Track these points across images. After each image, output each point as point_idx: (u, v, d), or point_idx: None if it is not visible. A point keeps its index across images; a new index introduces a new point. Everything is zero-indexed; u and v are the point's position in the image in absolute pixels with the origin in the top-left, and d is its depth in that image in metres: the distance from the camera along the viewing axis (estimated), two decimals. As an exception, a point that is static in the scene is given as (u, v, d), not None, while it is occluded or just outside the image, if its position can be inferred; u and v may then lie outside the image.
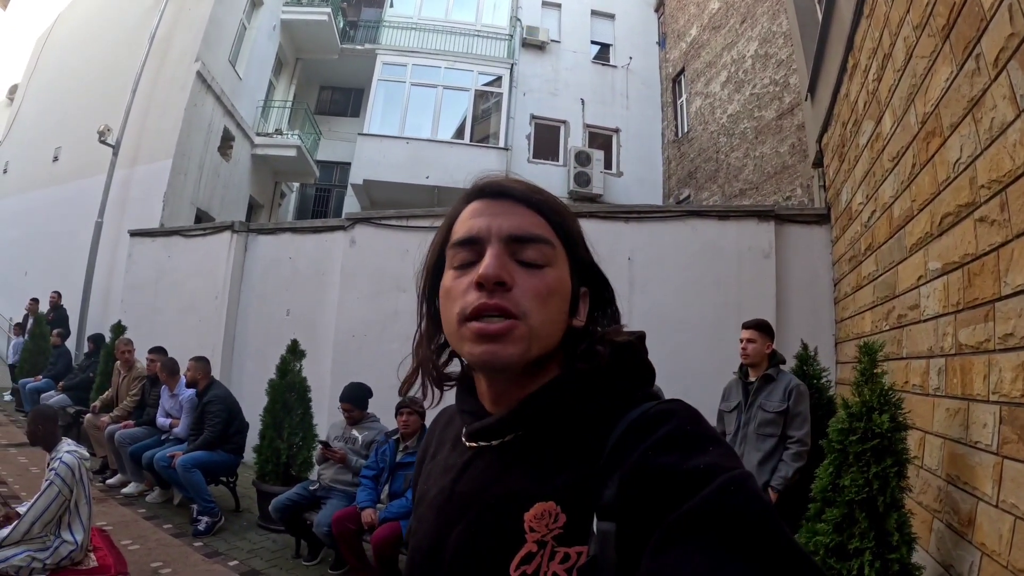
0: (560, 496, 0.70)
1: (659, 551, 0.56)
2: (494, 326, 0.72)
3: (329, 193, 17.82)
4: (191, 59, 11.59)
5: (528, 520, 0.69)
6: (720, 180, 12.53)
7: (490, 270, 0.73)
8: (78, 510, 3.90)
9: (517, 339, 0.73)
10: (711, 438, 0.67)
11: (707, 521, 0.56)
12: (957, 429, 2.69)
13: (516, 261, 0.77)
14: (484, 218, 0.79)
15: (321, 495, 4.78)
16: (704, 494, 0.57)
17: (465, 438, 0.85)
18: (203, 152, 11.93)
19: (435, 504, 0.83)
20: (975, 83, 2.39)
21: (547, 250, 0.78)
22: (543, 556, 0.67)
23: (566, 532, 0.67)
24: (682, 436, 0.67)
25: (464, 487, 0.80)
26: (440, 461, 0.91)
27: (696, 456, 0.63)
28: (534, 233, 0.78)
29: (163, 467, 5.48)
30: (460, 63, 15.27)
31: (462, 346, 0.76)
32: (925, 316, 3.18)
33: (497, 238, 0.77)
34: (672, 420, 0.69)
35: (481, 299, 0.73)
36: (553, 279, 0.77)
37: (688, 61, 14.51)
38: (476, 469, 0.81)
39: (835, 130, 5.24)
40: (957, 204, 2.67)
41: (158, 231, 9.90)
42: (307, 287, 8.05)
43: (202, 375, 5.85)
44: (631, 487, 0.64)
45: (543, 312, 0.75)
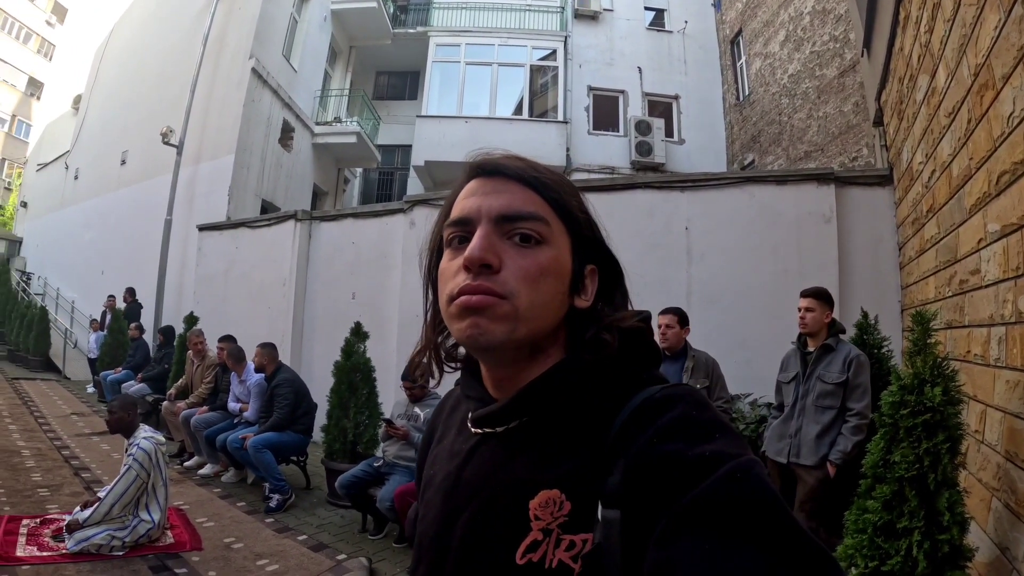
0: (564, 484, 0.69)
1: (666, 540, 0.56)
2: (475, 297, 0.72)
3: (392, 176, 18.11)
4: (245, 57, 11.97)
5: (533, 508, 0.70)
6: (784, 143, 12.09)
7: (475, 252, 0.72)
8: (155, 492, 4.18)
9: (501, 317, 0.72)
10: (717, 424, 0.66)
11: (714, 509, 0.56)
12: (1017, 403, 2.53)
13: (509, 240, 0.75)
14: (476, 198, 0.78)
15: (385, 471, 4.91)
16: (710, 482, 0.57)
17: (470, 424, 0.85)
18: (264, 145, 12.34)
19: (441, 489, 0.84)
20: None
21: (540, 227, 0.76)
22: (549, 544, 0.67)
23: (571, 520, 0.67)
24: (688, 422, 0.66)
25: (470, 474, 0.81)
26: (446, 446, 0.91)
27: (702, 443, 0.62)
28: (525, 210, 0.76)
29: (235, 448, 5.76)
30: (513, 39, 15.19)
31: (452, 325, 0.76)
32: (986, 282, 2.99)
33: (487, 218, 0.76)
34: (677, 406, 0.68)
35: (466, 281, 0.73)
36: (546, 258, 0.75)
37: (745, 21, 13.99)
38: (482, 456, 0.81)
39: (892, 86, 4.95)
40: (1013, 161, 2.49)
41: (225, 224, 10.32)
42: (370, 270, 8.27)
43: (268, 360, 6.09)
44: (636, 475, 0.63)
45: (532, 293, 0.74)
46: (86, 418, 8.98)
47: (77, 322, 15.17)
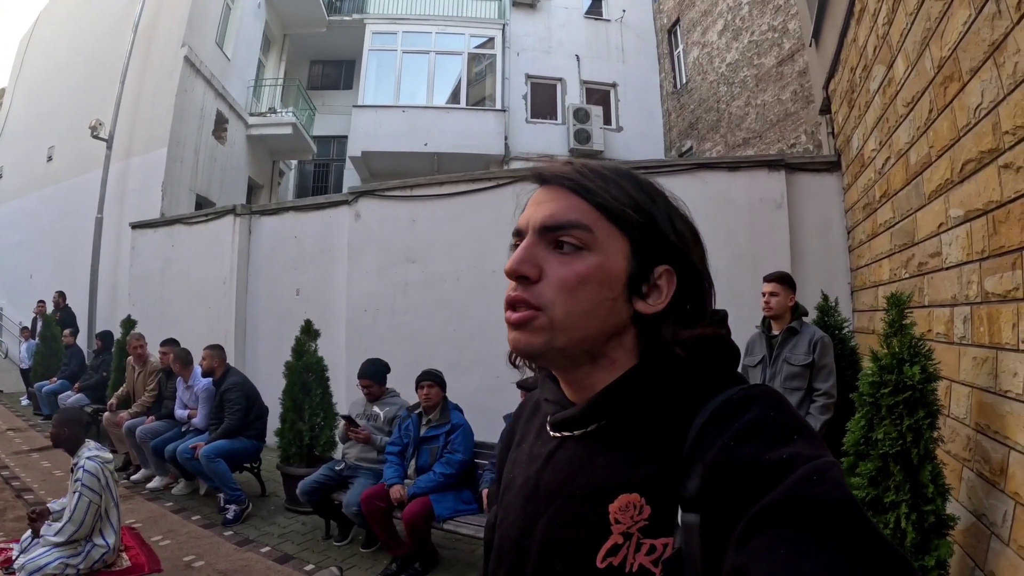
0: (644, 487, 0.70)
1: (743, 542, 0.57)
2: (514, 315, 0.76)
3: (328, 168, 17.76)
4: (177, 44, 11.47)
5: (613, 512, 0.70)
6: (722, 130, 12.39)
7: (512, 264, 0.76)
8: (107, 514, 3.90)
9: (537, 329, 0.75)
10: (796, 426, 0.66)
11: (790, 511, 0.56)
12: (985, 378, 2.68)
13: (556, 248, 0.77)
14: (531, 208, 0.81)
15: (347, 474, 4.83)
16: (787, 484, 0.58)
17: (549, 427, 0.86)
18: (197, 137, 11.89)
19: (522, 493, 0.85)
20: (996, 26, 2.33)
21: (583, 235, 0.76)
22: (629, 548, 0.68)
23: (651, 524, 0.68)
24: (765, 424, 0.66)
25: (549, 477, 0.81)
26: (525, 449, 0.92)
27: (779, 446, 0.62)
28: (565, 219, 0.76)
29: (186, 459, 5.52)
30: (451, 27, 15.06)
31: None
32: (948, 264, 3.15)
33: (532, 229, 0.78)
34: (754, 408, 0.68)
35: (508, 292, 0.77)
36: (586, 266, 0.75)
37: (683, 11, 14.25)
38: (560, 459, 0.81)
39: (842, 76, 5.14)
40: (979, 150, 2.62)
41: (159, 221, 9.92)
42: (315, 265, 8.07)
43: (218, 363, 5.88)
44: (714, 478, 0.64)
45: (570, 302, 0.75)
46: (23, 433, 8.49)
47: (6, 330, 14.43)
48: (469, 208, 7.10)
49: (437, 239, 7.21)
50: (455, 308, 6.95)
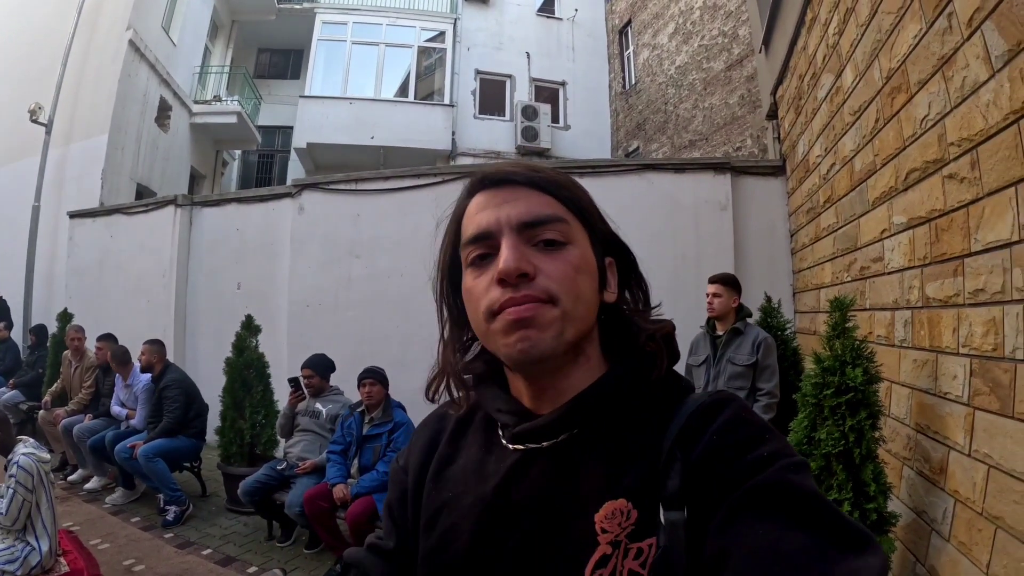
0: (630, 493, 0.69)
1: (725, 527, 0.60)
2: (524, 308, 0.70)
3: (272, 159, 17.33)
4: (122, 27, 10.97)
5: (599, 521, 0.68)
6: (669, 131, 12.58)
7: (510, 263, 0.71)
8: (41, 514, 3.70)
9: (549, 323, 0.71)
10: (766, 427, 0.70)
11: (769, 496, 0.60)
12: (925, 380, 2.78)
13: (534, 246, 0.74)
14: (491, 210, 0.77)
15: (289, 474, 4.71)
16: (766, 474, 0.62)
17: (508, 440, 0.81)
18: (140, 124, 11.41)
19: (472, 514, 0.79)
20: (946, 41, 2.40)
21: (564, 228, 0.76)
22: (618, 556, 0.67)
23: (637, 527, 0.67)
24: (741, 424, 0.69)
25: (519, 493, 0.76)
26: (464, 467, 0.85)
27: (759, 444, 0.66)
28: (546, 214, 0.75)
29: (124, 459, 5.28)
30: (402, 19, 14.91)
31: (496, 342, 0.74)
32: (889, 269, 3.25)
33: (508, 228, 0.74)
34: (727, 410, 0.71)
35: (507, 295, 0.71)
36: (576, 257, 0.75)
37: (635, 13, 14.41)
38: (531, 474, 0.76)
39: (791, 83, 5.26)
40: (924, 160, 2.71)
41: (98, 211, 9.48)
42: (257, 258, 7.86)
43: (157, 359, 5.67)
44: (698, 476, 0.66)
45: (573, 292, 0.73)
46: (-46, 436, 8.02)
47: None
48: (414, 203, 7.03)
49: (382, 234, 7.12)
50: (399, 305, 6.87)
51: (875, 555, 0.54)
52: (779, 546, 0.55)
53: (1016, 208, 2.04)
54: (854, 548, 0.55)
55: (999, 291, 2.16)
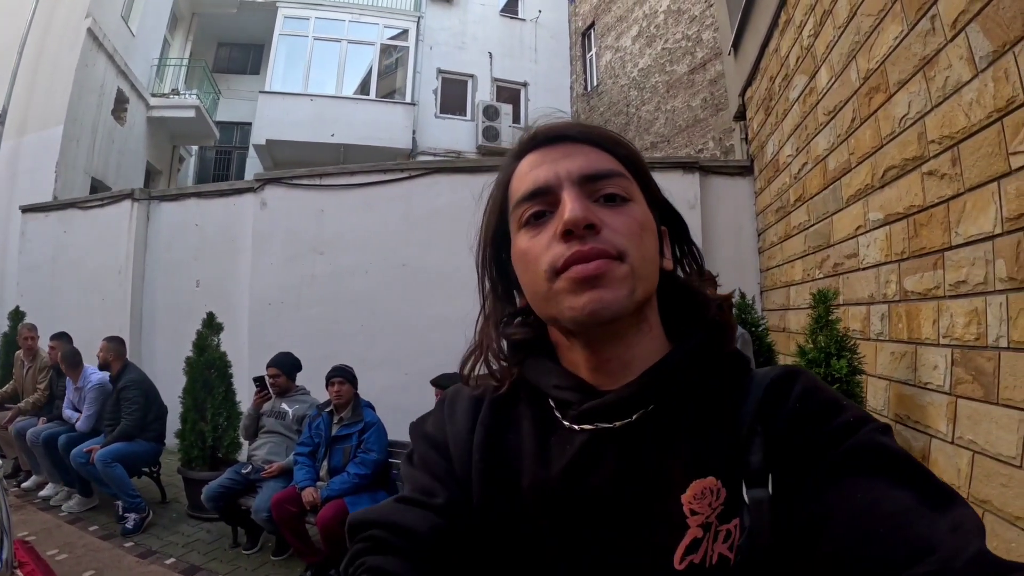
0: (718, 470, 0.65)
1: (820, 491, 0.59)
2: (593, 265, 0.65)
3: (230, 156, 16.94)
4: (81, 15, 10.57)
5: (687, 503, 0.64)
6: (631, 133, 12.70)
7: (577, 212, 0.66)
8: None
9: (620, 279, 0.66)
10: (840, 396, 0.69)
11: (864, 458, 0.59)
12: (904, 371, 2.86)
13: (595, 202, 0.70)
14: (547, 165, 0.72)
15: (255, 478, 4.57)
16: (857, 437, 0.61)
17: (572, 420, 0.73)
18: (96, 117, 11.01)
19: (536, 501, 0.71)
20: (928, 43, 2.49)
21: (626, 183, 0.72)
22: (708, 539, 0.63)
23: (725, 508, 0.64)
24: (821, 394, 0.68)
25: (593, 479, 0.69)
26: (520, 447, 0.76)
27: (841, 411, 0.64)
28: (608, 168, 0.72)
29: (81, 464, 5.05)
30: (365, 16, 14.73)
31: (559, 305, 0.68)
32: (865, 264, 3.34)
33: (569, 181, 0.70)
34: (801, 380, 0.69)
35: (573, 248, 0.66)
36: (640, 213, 0.72)
37: (598, 15, 14.52)
38: (605, 456, 0.70)
39: (760, 84, 5.37)
40: (903, 158, 2.80)
41: (52, 205, 9.13)
42: (217, 255, 7.68)
43: (115, 357, 5.47)
44: (782, 448, 0.64)
45: (640, 249, 0.69)
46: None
47: None
48: (379, 200, 6.97)
49: (346, 231, 7.02)
50: (363, 302, 6.80)
51: (969, 507, 0.55)
52: (883, 504, 0.55)
53: (999, 202, 2.12)
54: (951, 501, 0.55)
55: (981, 282, 2.24)
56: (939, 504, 0.55)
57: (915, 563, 0.50)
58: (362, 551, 0.71)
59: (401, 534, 0.71)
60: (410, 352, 6.43)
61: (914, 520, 0.53)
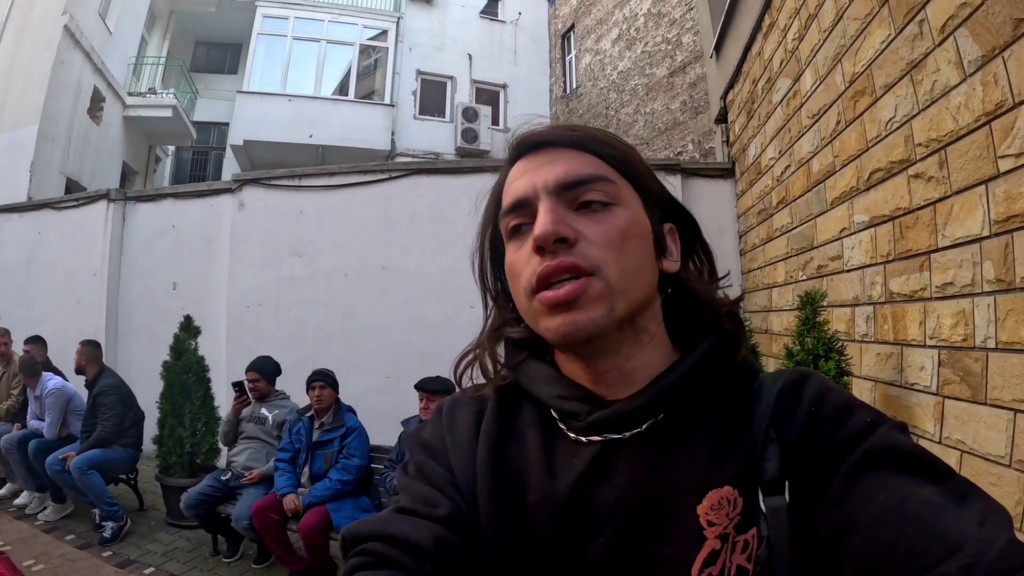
0: (734, 479, 0.64)
1: (844, 493, 0.58)
2: (563, 290, 0.63)
3: (207, 156, 16.77)
4: (58, 12, 10.42)
5: (704, 514, 0.62)
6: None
7: (546, 227, 0.64)
8: None
9: (595, 299, 0.64)
10: (853, 397, 0.68)
11: (885, 457, 0.58)
12: (890, 372, 2.89)
13: (577, 211, 0.68)
14: (528, 175, 0.70)
15: (235, 485, 4.50)
16: (876, 436, 0.60)
17: (579, 432, 0.71)
18: (72, 115, 10.84)
19: (544, 515, 0.69)
20: (916, 47, 2.51)
21: (608, 187, 0.69)
22: (726, 551, 0.61)
23: (742, 518, 0.63)
24: (834, 396, 0.66)
25: (605, 492, 0.67)
26: (524, 459, 0.74)
27: (856, 412, 0.64)
28: (585, 173, 0.68)
29: (56, 471, 4.93)
30: (344, 16, 14.65)
31: (537, 323, 0.68)
32: (849, 266, 3.37)
33: (544, 192, 0.68)
34: (812, 383, 0.68)
35: (544, 263, 0.64)
36: (624, 219, 0.68)
37: (578, 18, 14.59)
38: (616, 469, 0.67)
39: (743, 87, 5.41)
40: (889, 161, 2.82)
41: (26, 205, 8.95)
42: (194, 257, 7.57)
43: (90, 361, 5.34)
44: (799, 454, 0.63)
45: (620, 260, 0.66)
46: None
47: None
48: (359, 201, 6.92)
49: (325, 232, 6.96)
50: (343, 305, 6.75)
51: (993, 499, 0.55)
52: (908, 503, 0.54)
53: (986, 205, 2.15)
54: (975, 495, 0.55)
55: (969, 284, 2.26)
56: (964, 498, 0.54)
57: (946, 559, 0.49)
58: (359, 566, 0.66)
59: (402, 546, 0.66)
60: (390, 355, 6.39)
61: (941, 516, 0.52)
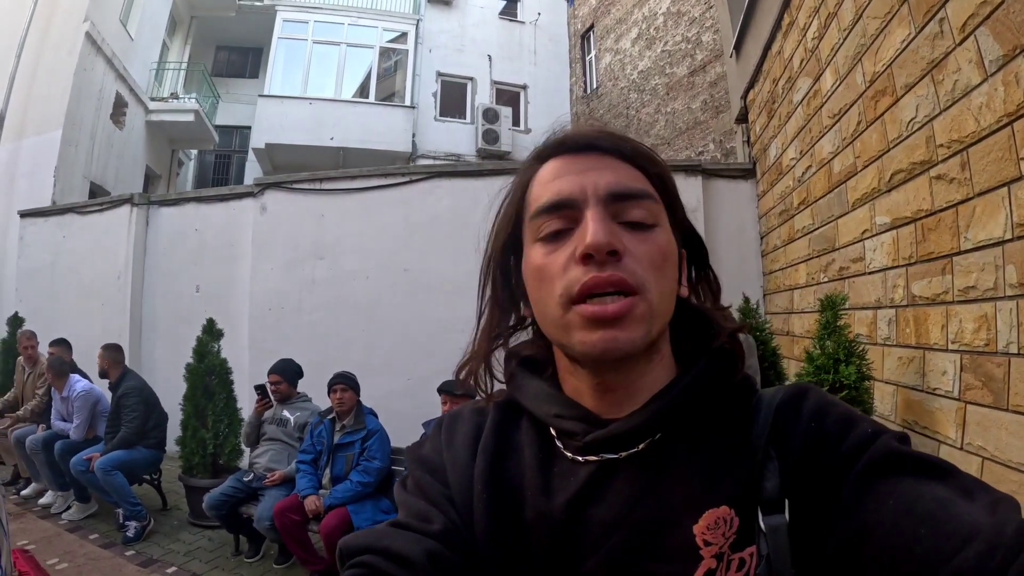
0: (731, 498, 0.63)
1: (855, 504, 0.57)
2: (612, 307, 0.61)
3: (229, 159, 16.90)
4: (79, 19, 10.53)
5: (700, 533, 0.61)
6: (630, 136, 12.68)
7: (600, 237, 0.62)
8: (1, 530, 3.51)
9: (638, 319, 0.63)
10: (852, 408, 0.67)
11: (891, 464, 0.58)
12: (912, 376, 2.85)
13: (619, 225, 0.65)
14: (572, 176, 0.68)
15: (256, 486, 4.54)
16: (877, 446, 0.59)
17: (575, 452, 0.70)
18: (95, 121, 10.96)
19: (539, 535, 0.68)
20: (936, 46, 2.47)
21: (654, 207, 0.68)
22: (721, 569, 0.61)
23: (738, 537, 0.61)
24: (834, 410, 0.65)
25: (600, 512, 0.66)
26: (520, 477, 0.73)
27: (857, 424, 0.63)
28: (638, 188, 0.67)
29: (81, 472, 5.00)
30: (364, 19, 14.71)
31: (569, 335, 0.65)
32: (871, 268, 3.33)
33: (595, 198, 0.65)
34: (810, 398, 0.67)
35: (590, 273, 0.62)
36: (665, 242, 0.67)
37: (597, 18, 14.52)
38: (612, 488, 0.67)
39: (763, 86, 5.36)
40: (911, 162, 2.78)
41: (51, 210, 9.10)
42: (216, 260, 7.64)
43: (112, 364, 5.42)
44: (801, 470, 0.62)
45: (661, 283, 0.65)
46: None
47: None
48: (380, 203, 6.95)
49: (346, 235, 7.00)
50: (364, 307, 6.78)
51: (999, 491, 0.55)
52: (918, 503, 0.54)
53: (1009, 207, 2.11)
54: (982, 488, 0.55)
55: (991, 288, 2.23)
56: (971, 492, 0.54)
57: (962, 549, 0.49)
58: None
59: (395, 560, 0.66)
60: (412, 357, 6.41)
61: (952, 511, 0.52)
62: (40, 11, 10.78)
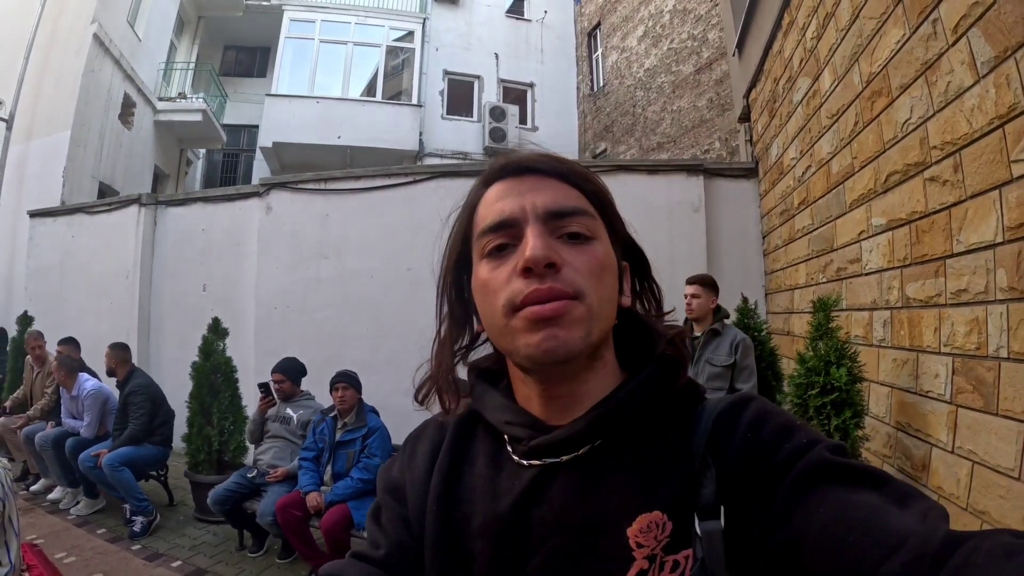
0: (664, 504, 0.66)
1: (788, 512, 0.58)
2: (549, 306, 0.65)
3: (237, 158, 16.95)
4: (87, 20, 10.59)
5: (633, 536, 0.65)
6: (637, 134, 12.68)
7: (538, 251, 0.66)
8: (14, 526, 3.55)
9: (577, 321, 0.66)
10: (792, 417, 0.69)
11: (824, 473, 0.59)
12: (906, 379, 2.83)
13: (558, 239, 0.70)
14: (513, 197, 0.72)
15: (260, 482, 4.58)
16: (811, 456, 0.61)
17: (521, 456, 0.75)
18: (103, 121, 11.03)
19: (486, 535, 0.73)
20: (930, 47, 2.46)
21: (590, 222, 0.72)
22: (654, 570, 0.64)
23: (672, 539, 0.64)
24: (772, 419, 0.67)
25: (541, 513, 0.70)
26: (473, 484, 0.78)
27: (794, 433, 0.65)
28: (573, 205, 0.71)
29: (88, 467, 5.07)
30: (371, 18, 14.71)
31: (514, 340, 0.68)
32: (867, 270, 3.31)
33: (534, 216, 0.70)
34: (751, 407, 0.69)
35: (532, 285, 0.66)
36: (602, 252, 0.71)
37: (604, 16, 14.51)
38: (552, 491, 0.71)
39: (765, 86, 5.34)
40: (905, 163, 2.77)
41: (60, 210, 9.17)
42: (223, 259, 7.67)
43: (120, 363, 5.47)
44: (737, 478, 0.64)
45: (599, 289, 0.69)
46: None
47: None
48: (384, 203, 6.96)
49: (351, 234, 7.02)
50: (368, 306, 6.80)
51: (930, 499, 0.56)
52: (849, 511, 0.55)
53: (1000, 210, 2.10)
54: (913, 496, 0.56)
55: (982, 291, 2.21)
56: (903, 500, 0.56)
57: (889, 557, 0.50)
58: None
59: None
60: (416, 356, 6.37)
61: (881, 518, 0.54)
62: (48, 13, 10.85)
